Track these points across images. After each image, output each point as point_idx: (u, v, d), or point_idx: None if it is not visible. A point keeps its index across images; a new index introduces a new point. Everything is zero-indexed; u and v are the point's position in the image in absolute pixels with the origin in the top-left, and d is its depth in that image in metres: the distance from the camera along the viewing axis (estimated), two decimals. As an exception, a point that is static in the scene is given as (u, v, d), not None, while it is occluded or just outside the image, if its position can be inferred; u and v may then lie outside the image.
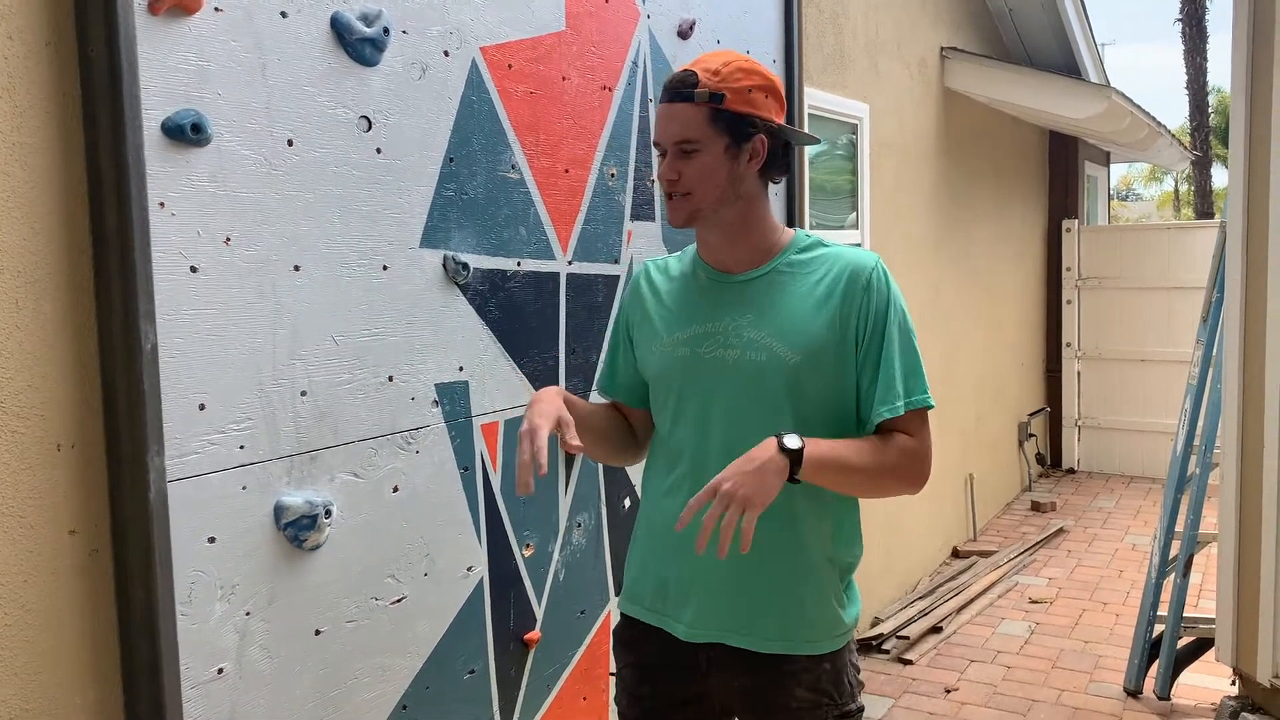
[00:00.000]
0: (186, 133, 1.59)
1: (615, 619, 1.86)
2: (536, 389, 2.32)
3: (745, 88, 1.64)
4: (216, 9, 1.64)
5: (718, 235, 1.72)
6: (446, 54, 2.07)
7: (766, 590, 1.69)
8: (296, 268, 1.79)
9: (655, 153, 1.73)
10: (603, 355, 1.92)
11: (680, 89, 1.63)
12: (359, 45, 1.87)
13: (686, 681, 1.76)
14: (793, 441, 1.53)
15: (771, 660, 1.70)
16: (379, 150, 1.93)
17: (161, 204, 1.57)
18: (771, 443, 1.54)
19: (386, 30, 1.92)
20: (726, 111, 1.63)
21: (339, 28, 1.84)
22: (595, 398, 2.35)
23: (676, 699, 1.77)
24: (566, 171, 2.40)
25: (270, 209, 1.74)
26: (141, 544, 1.55)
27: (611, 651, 1.89)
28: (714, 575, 1.69)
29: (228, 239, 1.67)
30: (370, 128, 1.91)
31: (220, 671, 1.68)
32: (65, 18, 1.49)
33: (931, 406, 1.68)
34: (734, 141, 1.64)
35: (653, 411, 1.83)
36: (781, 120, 1.70)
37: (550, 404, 1.60)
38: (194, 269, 1.62)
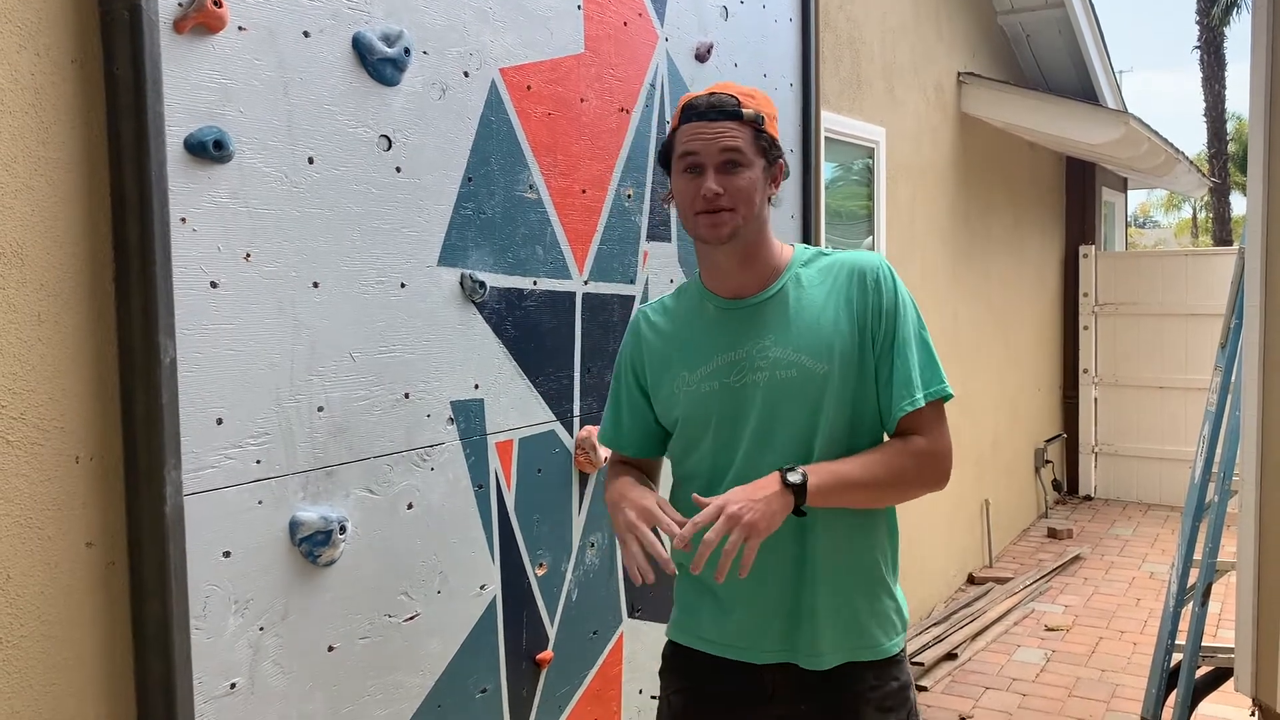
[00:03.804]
0: (209, 149, 1.60)
1: (630, 640, 1.85)
2: (552, 407, 2.33)
3: (773, 115, 1.70)
4: (240, 28, 1.66)
5: (734, 258, 1.71)
6: (466, 75, 2.08)
7: (832, 603, 1.69)
8: (315, 284, 1.80)
9: (680, 169, 1.68)
10: (607, 410, 1.91)
11: (726, 107, 1.65)
12: (380, 65, 1.89)
13: (746, 707, 1.74)
14: (795, 476, 1.56)
15: (839, 675, 1.70)
16: (398, 169, 1.95)
17: (183, 219, 1.59)
18: (775, 477, 1.57)
19: (407, 51, 1.94)
20: (766, 134, 1.67)
21: (360, 48, 1.86)
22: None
23: None
24: (584, 192, 2.41)
25: (290, 226, 1.75)
26: (157, 557, 1.55)
27: (659, 674, 1.88)
28: (776, 595, 1.69)
29: (248, 255, 1.68)
30: (390, 146, 1.93)
31: (233, 686, 1.68)
32: (91, 36, 1.52)
33: (950, 396, 1.69)
34: (768, 164, 1.68)
35: (680, 454, 1.80)
36: None
37: (643, 500, 1.64)
38: (214, 284, 1.63)
